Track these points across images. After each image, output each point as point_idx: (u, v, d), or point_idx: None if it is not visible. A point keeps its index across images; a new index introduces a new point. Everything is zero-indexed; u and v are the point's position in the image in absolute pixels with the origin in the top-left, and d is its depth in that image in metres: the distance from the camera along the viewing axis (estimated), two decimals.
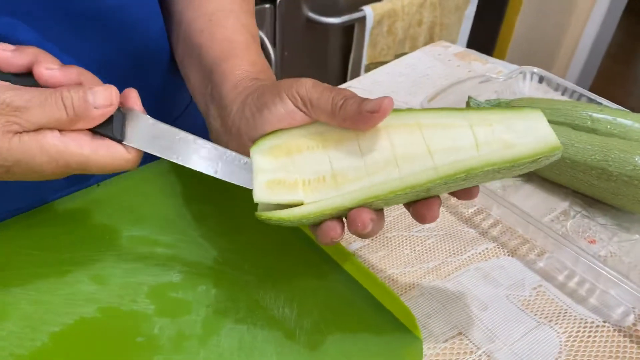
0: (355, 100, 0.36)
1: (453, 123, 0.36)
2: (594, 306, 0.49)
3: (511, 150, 0.35)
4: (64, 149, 0.36)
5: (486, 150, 0.35)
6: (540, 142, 0.35)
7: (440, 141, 0.36)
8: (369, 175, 0.36)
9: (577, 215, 0.58)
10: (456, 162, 0.35)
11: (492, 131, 0.35)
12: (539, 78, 0.73)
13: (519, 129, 0.35)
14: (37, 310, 0.42)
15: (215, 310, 0.43)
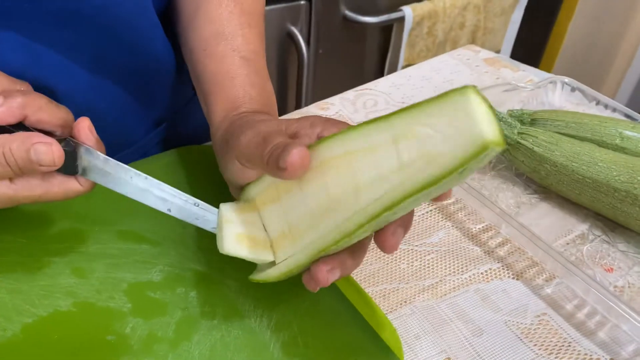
0: (273, 155, 0.33)
1: (378, 142, 0.32)
2: (602, 341, 0.45)
3: (434, 167, 0.29)
4: (14, 194, 0.37)
5: (408, 173, 0.30)
6: (466, 143, 0.28)
7: (366, 172, 0.32)
8: (314, 227, 0.35)
9: (596, 239, 0.53)
10: (378, 199, 0.32)
11: (415, 143, 0.30)
12: (570, 88, 0.68)
13: (443, 127, 0.29)
14: (14, 300, 0.42)
15: (191, 314, 0.42)
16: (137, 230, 0.48)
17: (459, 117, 0.28)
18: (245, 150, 0.37)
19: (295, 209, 0.36)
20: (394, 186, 0.31)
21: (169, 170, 0.54)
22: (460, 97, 0.28)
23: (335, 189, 0.33)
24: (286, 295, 0.43)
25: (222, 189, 0.53)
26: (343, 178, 0.33)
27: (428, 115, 0.30)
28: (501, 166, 0.61)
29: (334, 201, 0.34)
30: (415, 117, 0.30)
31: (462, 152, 0.28)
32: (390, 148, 0.31)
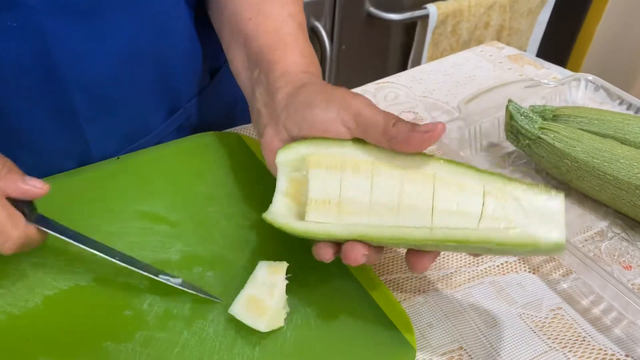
0: (408, 123, 0.37)
1: (467, 185, 0.36)
2: (617, 337, 0.44)
3: (510, 235, 0.35)
4: None
5: (486, 226, 0.35)
6: (543, 236, 0.34)
7: (446, 202, 0.36)
8: (369, 215, 0.37)
9: (615, 237, 0.53)
10: (452, 230, 0.35)
11: (502, 206, 0.35)
12: (595, 87, 0.68)
13: (531, 212, 0.35)
14: (36, 273, 0.43)
15: (206, 293, 0.43)
16: (157, 211, 0.49)
17: (547, 210, 0.35)
18: (367, 111, 0.39)
19: (355, 189, 0.38)
20: (468, 228, 0.35)
21: (185, 155, 0.55)
22: (554, 195, 0.35)
23: (411, 198, 0.37)
24: (300, 279, 0.43)
25: (235, 178, 0.53)
26: (422, 193, 0.36)
27: (523, 191, 0.35)
28: (521, 162, 0.61)
29: (404, 207, 0.37)
30: (510, 185, 0.36)
31: (537, 241, 0.34)
32: (477, 196, 0.36)
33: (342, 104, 0.40)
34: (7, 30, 0.43)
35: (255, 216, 0.49)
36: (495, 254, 0.38)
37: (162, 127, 0.58)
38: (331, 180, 0.39)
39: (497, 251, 0.36)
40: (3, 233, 0.38)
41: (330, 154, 0.40)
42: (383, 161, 0.38)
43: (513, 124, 0.57)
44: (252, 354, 0.39)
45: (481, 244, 0.35)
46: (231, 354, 0.39)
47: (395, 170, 0.38)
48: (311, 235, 0.39)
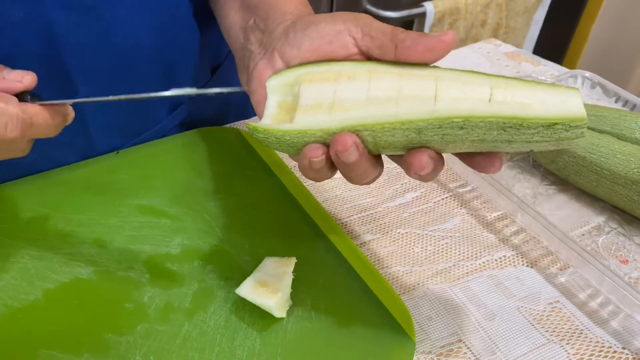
0: (419, 33, 0.34)
1: (473, 81, 0.32)
2: (614, 330, 0.45)
3: (524, 109, 0.31)
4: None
5: (497, 105, 0.31)
6: (560, 110, 0.31)
7: (450, 91, 0.32)
8: (365, 107, 0.33)
9: (612, 232, 0.53)
10: (457, 108, 0.31)
11: (512, 94, 0.31)
12: (591, 84, 0.68)
13: (546, 96, 0.31)
14: (37, 266, 0.43)
15: (207, 286, 0.43)
16: (156, 206, 0.49)
17: (565, 97, 0.31)
18: (375, 23, 0.36)
19: (351, 91, 0.34)
20: (475, 107, 0.31)
21: (184, 150, 0.55)
22: (568, 89, 0.31)
23: (411, 90, 0.33)
24: (301, 272, 0.43)
25: (234, 172, 0.54)
26: (424, 87, 0.33)
27: (530, 87, 0.32)
28: (518, 157, 0.61)
29: (405, 97, 0.33)
30: (520, 83, 0.32)
31: (555, 113, 0.31)
32: (484, 88, 0.32)
33: (348, 17, 0.36)
34: (14, 21, 0.43)
35: (254, 211, 0.49)
36: (511, 144, 0.33)
37: (165, 121, 0.58)
38: (324, 89, 0.35)
39: (512, 132, 0.32)
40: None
41: (325, 70, 0.36)
42: (382, 68, 0.35)
43: None
44: (253, 345, 0.39)
45: (492, 119, 0.31)
46: (232, 346, 0.39)
47: (395, 71, 0.34)
48: (298, 133, 0.34)
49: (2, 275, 0.42)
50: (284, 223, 0.48)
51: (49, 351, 0.38)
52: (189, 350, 0.39)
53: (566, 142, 0.32)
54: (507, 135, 0.32)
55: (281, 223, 0.48)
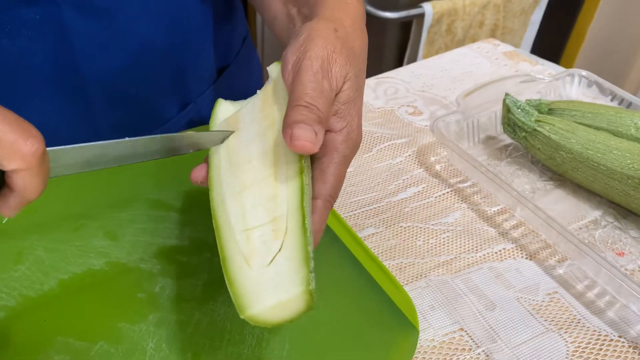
0: (296, 120, 0.32)
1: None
2: (611, 319, 0.46)
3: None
4: None
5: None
6: None
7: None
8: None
9: (608, 225, 0.55)
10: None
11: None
12: (588, 82, 0.70)
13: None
14: (51, 258, 0.44)
15: (216, 277, 0.44)
16: (165, 200, 0.50)
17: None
18: (303, 75, 0.34)
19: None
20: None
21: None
22: None
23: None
24: None
25: None
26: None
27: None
28: (517, 154, 0.63)
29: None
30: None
31: None
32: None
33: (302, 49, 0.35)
34: (29, 22, 0.44)
35: None
36: None
37: (174, 120, 0.59)
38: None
39: None
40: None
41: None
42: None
43: (510, 117, 0.59)
44: (261, 333, 0.40)
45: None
46: (242, 333, 0.40)
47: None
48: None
49: (17, 267, 0.43)
50: None
51: (65, 338, 0.39)
52: (200, 338, 0.40)
53: None
54: None
55: None
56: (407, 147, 0.63)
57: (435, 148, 0.63)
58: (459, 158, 0.58)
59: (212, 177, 0.38)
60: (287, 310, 0.31)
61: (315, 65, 0.34)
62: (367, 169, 0.59)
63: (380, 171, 0.59)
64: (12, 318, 0.40)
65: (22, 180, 0.28)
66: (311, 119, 0.32)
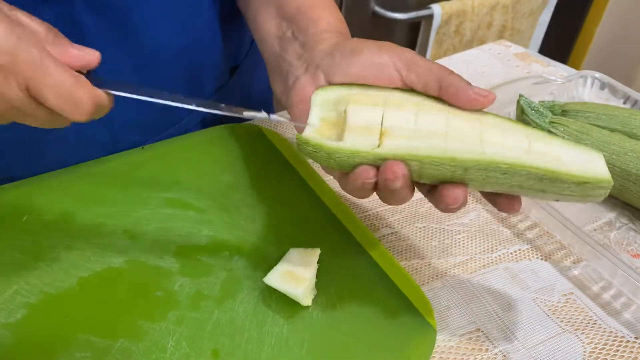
0: (464, 81, 0.37)
1: (511, 129, 0.36)
2: (627, 321, 0.46)
3: (559, 164, 0.35)
4: (31, 33, 0.33)
5: (535, 156, 0.35)
6: (590, 170, 0.35)
7: (494, 137, 0.36)
8: (414, 138, 0.36)
9: (623, 227, 0.55)
10: (502, 154, 0.35)
11: (547, 145, 0.36)
12: (600, 84, 0.70)
13: (575, 155, 0.36)
14: (70, 256, 0.45)
15: (235, 275, 0.44)
16: (183, 198, 0.51)
17: (592, 158, 0.36)
18: (420, 61, 0.38)
19: (399, 120, 0.36)
20: (518, 156, 0.35)
21: (208, 146, 0.57)
22: (593, 150, 0.36)
23: (458, 130, 0.36)
24: (325, 264, 0.45)
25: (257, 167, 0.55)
26: (470, 128, 0.36)
27: (562, 143, 0.36)
28: None
29: (452, 135, 0.35)
30: (552, 138, 0.36)
31: (586, 172, 0.35)
32: (522, 138, 0.36)
33: (395, 51, 0.38)
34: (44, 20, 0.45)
35: (277, 205, 0.51)
36: (544, 193, 0.36)
37: (187, 119, 0.60)
38: (373, 113, 0.36)
39: (547, 183, 0.35)
40: (73, 99, 0.33)
41: (373, 94, 0.38)
42: (428, 102, 0.37)
43: (524, 118, 0.59)
44: (280, 332, 0.41)
45: (531, 169, 0.34)
46: (261, 332, 0.41)
47: (442, 108, 0.37)
48: (349, 152, 0.36)
49: (37, 264, 0.44)
50: (306, 216, 0.50)
51: (86, 335, 0.40)
52: (220, 337, 0.40)
53: (589, 199, 0.36)
54: (541, 185, 0.36)
55: (303, 216, 0.50)
56: None
57: None
58: None
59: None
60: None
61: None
62: None
63: None
64: (33, 315, 0.41)
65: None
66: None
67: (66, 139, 0.52)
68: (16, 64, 0.31)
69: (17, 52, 0.31)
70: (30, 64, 0.32)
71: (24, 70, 0.32)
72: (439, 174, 0.36)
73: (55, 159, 0.53)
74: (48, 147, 0.52)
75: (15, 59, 0.31)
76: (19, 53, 0.31)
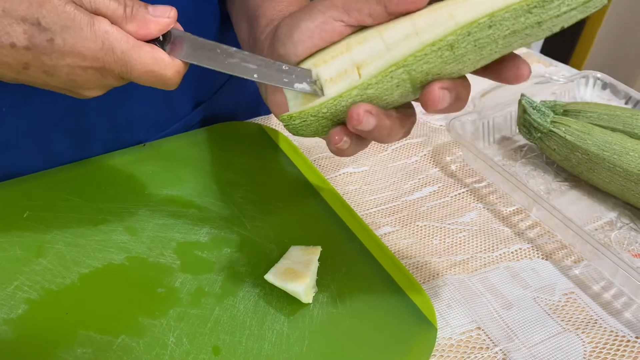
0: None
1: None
2: (628, 320, 0.46)
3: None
4: (111, 32, 0.36)
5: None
6: None
7: (463, 5, 0.32)
8: (389, 51, 0.34)
9: (624, 227, 0.55)
10: (478, 10, 0.32)
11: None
12: (602, 84, 0.70)
13: None
14: (71, 252, 0.45)
15: (236, 272, 0.44)
16: (184, 195, 0.51)
17: None
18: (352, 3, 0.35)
19: (367, 50, 0.34)
20: (493, 2, 0.31)
21: (209, 143, 0.57)
22: None
23: (426, 21, 0.33)
24: (324, 260, 0.45)
25: (258, 164, 0.55)
26: (437, 14, 0.33)
27: None
28: (532, 154, 0.63)
29: (422, 28, 0.33)
30: None
31: None
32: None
33: (324, 5, 0.37)
34: None
35: (278, 202, 0.51)
36: (536, 28, 0.32)
37: (188, 117, 0.60)
38: (341, 61, 0.35)
39: (538, 13, 0.31)
40: (161, 79, 0.38)
41: (332, 49, 0.36)
42: (387, 24, 0.35)
43: (526, 118, 0.59)
44: (281, 329, 0.41)
45: (516, 5, 0.31)
46: (261, 329, 0.41)
47: (402, 18, 0.34)
48: (336, 100, 0.35)
49: (39, 260, 0.44)
50: (307, 214, 0.50)
51: (87, 332, 0.40)
52: (221, 333, 0.40)
53: (592, 4, 0.31)
54: (534, 17, 0.31)
55: (304, 214, 0.50)
56: (422, 147, 0.63)
57: (450, 148, 0.63)
58: (474, 158, 0.58)
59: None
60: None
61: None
62: (382, 168, 0.60)
63: (396, 170, 0.60)
64: (35, 311, 0.41)
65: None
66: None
67: (69, 136, 0.52)
68: (107, 65, 0.37)
69: (105, 57, 0.36)
70: (117, 64, 0.37)
71: (115, 69, 0.37)
72: (431, 68, 0.33)
73: (57, 155, 0.53)
74: (50, 143, 0.52)
75: (105, 63, 0.36)
76: (105, 57, 0.36)
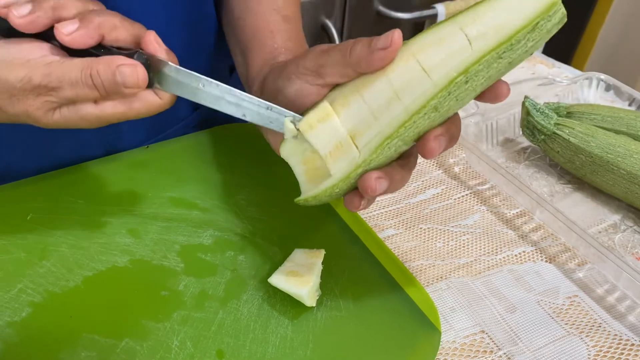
0: (364, 42, 0.34)
1: (444, 34, 0.33)
2: (632, 324, 0.46)
3: (502, 30, 0.32)
4: (101, 113, 0.37)
5: (479, 43, 0.32)
6: (531, 7, 0.32)
7: (434, 57, 0.33)
8: (376, 120, 0.35)
9: (628, 229, 0.55)
10: (451, 68, 0.33)
11: (482, 23, 0.33)
12: (605, 86, 0.70)
13: (509, 6, 0.33)
14: (75, 255, 0.45)
15: (239, 275, 0.44)
16: (187, 198, 0.51)
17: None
18: (321, 59, 0.37)
19: (354, 115, 0.36)
20: (466, 56, 0.32)
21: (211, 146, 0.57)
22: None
23: (401, 79, 0.34)
24: (328, 263, 0.45)
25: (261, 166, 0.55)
26: (409, 68, 0.34)
27: (487, 4, 0.33)
28: (535, 156, 0.63)
29: (400, 88, 0.34)
30: (481, 7, 0.33)
31: (528, 15, 0.32)
32: (457, 33, 0.33)
33: (298, 69, 0.38)
34: None
35: (282, 205, 0.51)
36: (509, 67, 0.34)
37: (188, 119, 0.60)
38: (329, 127, 0.37)
39: (509, 54, 0.33)
40: (151, 112, 0.38)
41: (315, 112, 0.37)
42: (364, 79, 0.36)
43: (529, 120, 0.59)
44: (285, 333, 0.41)
45: (486, 57, 0.32)
46: (265, 332, 0.41)
47: (377, 74, 0.35)
48: (343, 181, 0.37)
49: (42, 263, 0.44)
50: (310, 217, 0.50)
51: (91, 335, 0.39)
52: (224, 337, 0.40)
53: (555, 29, 0.34)
54: (505, 60, 0.33)
55: (307, 217, 0.50)
56: None
57: (453, 150, 0.63)
58: (478, 160, 0.58)
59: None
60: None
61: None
62: None
63: None
64: (38, 314, 0.41)
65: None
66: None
67: (71, 138, 0.52)
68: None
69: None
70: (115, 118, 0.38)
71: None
72: (423, 130, 0.35)
73: (60, 157, 0.53)
74: (53, 146, 0.52)
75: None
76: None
